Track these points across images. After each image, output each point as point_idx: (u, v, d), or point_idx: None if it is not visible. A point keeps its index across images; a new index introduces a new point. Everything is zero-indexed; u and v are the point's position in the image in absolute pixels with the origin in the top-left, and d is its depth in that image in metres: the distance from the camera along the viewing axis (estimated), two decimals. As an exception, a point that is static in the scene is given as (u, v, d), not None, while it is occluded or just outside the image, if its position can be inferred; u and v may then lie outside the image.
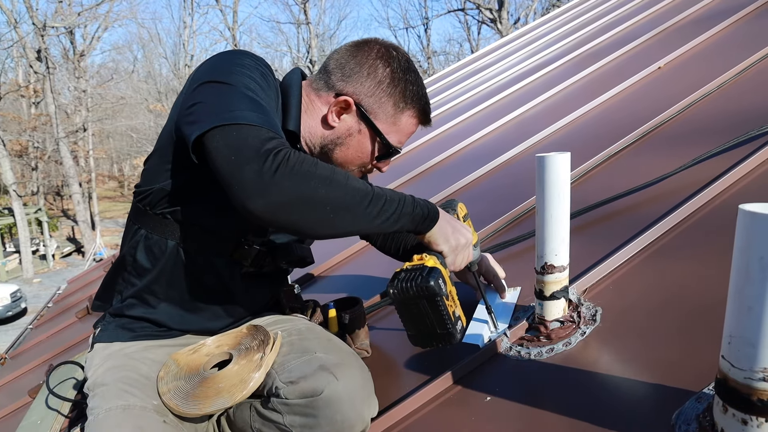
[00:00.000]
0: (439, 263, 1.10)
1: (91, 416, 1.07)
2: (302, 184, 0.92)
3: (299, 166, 0.92)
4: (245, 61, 1.07)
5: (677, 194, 1.51)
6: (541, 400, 1.02)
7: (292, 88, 1.20)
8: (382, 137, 1.21)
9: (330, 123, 1.20)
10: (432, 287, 1.03)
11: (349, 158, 1.23)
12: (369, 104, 1.18)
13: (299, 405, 1.05)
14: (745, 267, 0.64)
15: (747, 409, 0.68)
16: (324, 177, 0.95)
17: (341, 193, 0.96)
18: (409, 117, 1.22)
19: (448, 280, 1.10)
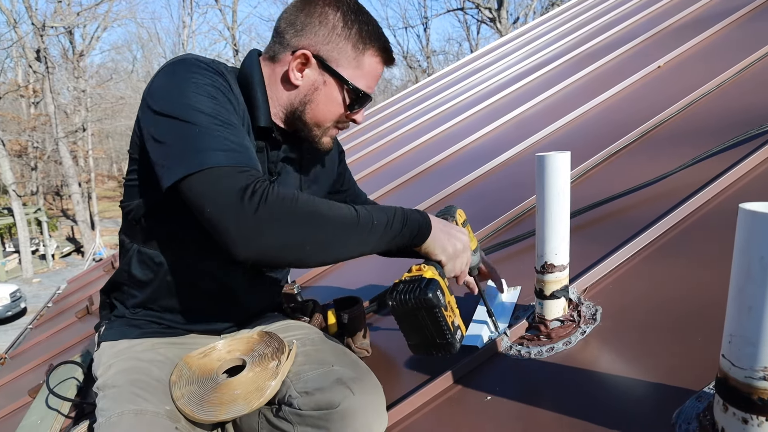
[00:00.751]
0: (437, 273, 1.09)
1: (102, 418, 1.06)
2: (284, 228, 0.94)
3: (278, 207, 0.93)
4: (198, 80, 1.02)
5: (677, 193, 1.51)
6: (542, 400, 1.02)
7: (253, 76, 1.17)
8: (348, 84, 1.16)
9: (293, 82, 1.16)
10: (430, 299, 1.02)
11: (321, 114, 1.19)
12: (327, 52, 1.14)
13: (312, 417, 1.04)
14: (746, 266, 0.64)
15: (747, 408, 0.68)
16: (305, 214, 0.96)
17: (324, 228, 0.98)
18: (371, 57, 1.17)
19: (446, 290, 1.09)
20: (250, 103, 1.16)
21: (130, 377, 1.13)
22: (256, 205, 0.92)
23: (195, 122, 0.97)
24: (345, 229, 1.00)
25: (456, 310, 1.12)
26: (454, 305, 1.11)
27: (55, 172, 29.81)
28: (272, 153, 1.22)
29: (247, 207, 0.91)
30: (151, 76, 1.08)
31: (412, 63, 32.94)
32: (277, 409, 1.12)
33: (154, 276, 1.21)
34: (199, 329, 1.29)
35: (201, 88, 1.01)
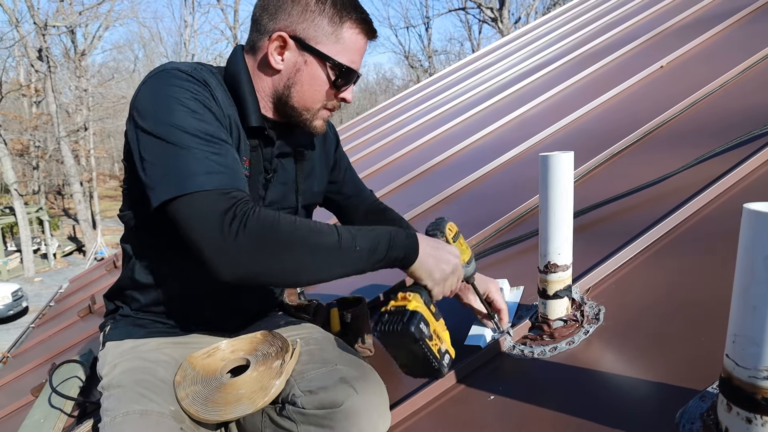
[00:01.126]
0: (422, 301, 1.07)
1: (107, 417, 1.06)
2: (263, 255, 0.95)
3: (257, 234, 0.94)
4: (180, 94, 1.01)
5: (680, 194, 1.51)
6: (545, 399, 1.02)
7: (239, 74, 1.16)
8: (330, 60, 1.12)
9: (274, 66, 1.14)
10: (412, 333, 1.00)
11: (307, 96, 1.16)
12: (304, 31, 1.11)
13: (316, 416, 1.05)
14: (750, 266, 0.64)
15: (751, 408, 0.68)
16: (285, 242, 0.96)
17: (304, 255, 0.98)
18: (350, 29, 1.13)
19: (431, 319, 1.06)
20: (239, 103, 1.15)
21: (135, 377, 1.14)
22: (236, 233, 0.93)
23: (178, 143, 0.97)
24: (325, 256, 0.99)
25: (444, 334, 1.10)
26: (441, 330, 1.09)
27: (57, 172, 29.83)
28: (266, 150, 1.21)
29: (227, 234, 0.92)
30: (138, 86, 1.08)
31: (414, 63, 32.92)
32: (281, 408, 1.12)
33: (156, 281, 1.22)
34: (204, 330, 1.29)
35: (184, 104, 1.01)
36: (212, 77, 1.12)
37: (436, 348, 1.05)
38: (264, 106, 1.19)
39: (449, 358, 1.09)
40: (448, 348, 1.09)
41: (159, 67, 1.08)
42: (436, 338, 1.06)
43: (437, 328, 1.08)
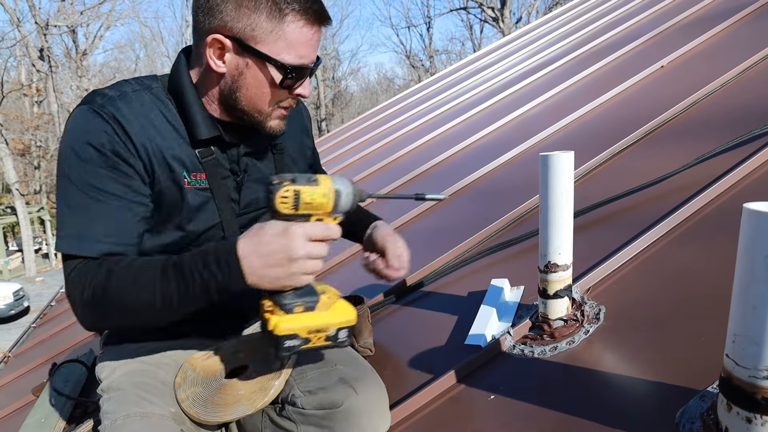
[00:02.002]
0: (282, 310, 0.97)
1: (107, 420, 1.06)
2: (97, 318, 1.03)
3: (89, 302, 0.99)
4: (76, 144, 1.01)
5: (680, 193, 1.51)
6: (545, 399, 1.02)
7: (181, 85, 1.10)
8: (273, 61, 1.03)
9: (216, 70, 1.06)
10: (286, 356, 0.99)
11: (255, 99, 1.08)
12: (241, 30, 1.02)
13: (316, 416, 1.05)
14: (750, 266, 0.64)
15: (751, 408, 0.68)
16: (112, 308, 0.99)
17: (129, 315, 1.01)
18: (293, 22, 1.02)
19: (300, 321, 0.97)
20: (184, 117, 1.10)
21: (135, 380, 1.13)
22: (76, 300, 1.01)
23: (65, 200, 1.02)
24: (147, 313, 1.00)
25: (325, 316, 0.99)
26: (320, 317, 0.99)
27: (58, 171, 29.81)
28: (231, 152, 1.17)
29: (72, 298, 1.01)
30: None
31: (415, 62, 32.93)
32: (281, 408, 1.12)
33: None
34: (203, 332, 1.29)
35: (76, 153, 1.01)
36: (142, 99, 1.07)
37: (321, 339, 0.99)
38: (216, 109, 1.12)
39: (346, 330, 1.01)
40: (339, 325, 1.00)
41: (84, 99, 1.06)
42: (315, 332, 0.98)
43: (314, 321, 0.98)
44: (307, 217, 0.96)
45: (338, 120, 33.29)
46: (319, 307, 0.99)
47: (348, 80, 35.86)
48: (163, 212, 1.09)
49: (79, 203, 1.01)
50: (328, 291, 1.03)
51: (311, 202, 0.94)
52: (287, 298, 0.97)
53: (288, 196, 0.93)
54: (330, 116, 32.26)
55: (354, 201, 0.99)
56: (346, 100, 35.36)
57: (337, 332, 1.00)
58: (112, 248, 1.02)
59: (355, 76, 37.50)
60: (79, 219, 1.01)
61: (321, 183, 0.95)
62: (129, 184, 1.03)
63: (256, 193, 1.22)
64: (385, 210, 2.78)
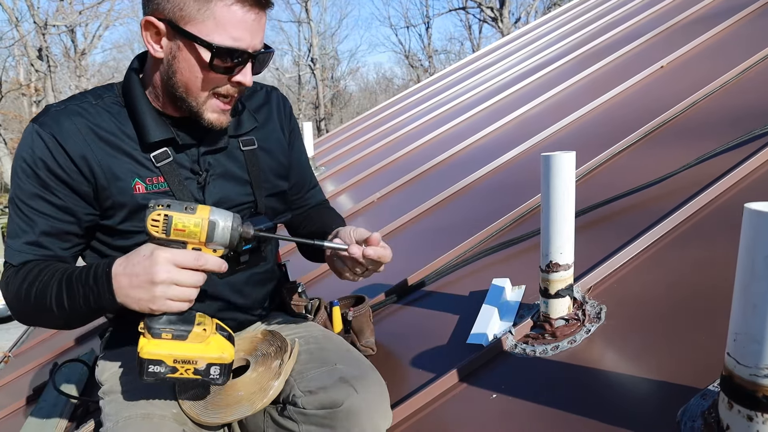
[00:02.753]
0: (150, 338, 0.95)
1: (109, 423, 1.07)
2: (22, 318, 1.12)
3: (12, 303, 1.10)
4: (18, 161, 1.08)
5: (681, 192, 1.51)
6: (547, 398, 1.03)
7: (130, 90, 1.12)
8: (199, 40, 1.01)
9: (155, 55, 1.06)
10: (148, 380, 0.95)
11: (188, 82, 1.06)
12: (171, 11, 1.00)
13: (317, 416, 1.05)
14: (751, 265, 0.65)
15: (753, 406, 0.69)
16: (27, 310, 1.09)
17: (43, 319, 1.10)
18: (221, 1, 1.00)
19: (170, 348, 0.95)
20: (134, 121, 1.11)
21: (136, 382, 1.14)
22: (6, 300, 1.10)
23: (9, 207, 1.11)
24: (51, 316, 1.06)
25: (200, 348, 0.97)
26: (193, 348, 0.97)
27: (57, 171, 29.80)
28: (191, 152, 1.16)
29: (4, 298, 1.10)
30: None
31: (414, 62, 32.92)
32: (282, 408, 1.12)
33: None
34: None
35: (17, 166, 1.08)
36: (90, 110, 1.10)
37: (190, 371, 0.97)
38: (163, 103, 1.12)
39: (219, 367, 0.98)
40: (211, 360, 0.98)
41: (40, 112, 1.12)
42: (182, 363, 0.96)
43: (181, 351, 0.96)
44: (183, 245, 0.95)
45: (337, 120, 33.28)
46: (191, 338, 0.97)
47: (347, 80, 35.83)
48: (120, 218, 1.12)
49: (15, 216, 1.10)
50: (208, 324, 1.01)
51: (183, 229, 0.93)
52: (157, 323, 0.96)
53: (158, 220, 0.92)
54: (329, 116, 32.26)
55: (233, 237, 0.97)
56: (345, 100, 35.35)
57: (207, 367, 0.97)
58: (32, 257, 1.10)
59: (354, 75, 37.47)
60: (13, 230, 1.10)
61: (197, 212, 0.94)
62: (57, 203, 1.09)
63: (223, 192, 1.20)
64: (384, 211, 2.79)
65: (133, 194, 1.10)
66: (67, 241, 1.13)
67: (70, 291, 1.01)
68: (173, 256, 0.93)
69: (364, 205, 3.07)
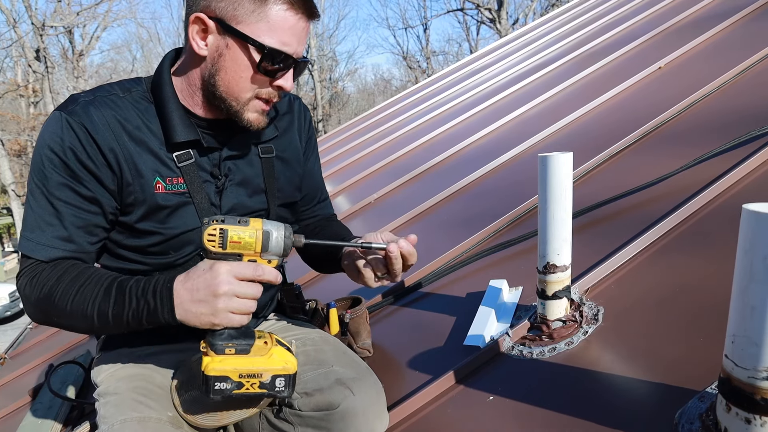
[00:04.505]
0: (213, 354, 0.96)
1: (104, 425, 1.05)
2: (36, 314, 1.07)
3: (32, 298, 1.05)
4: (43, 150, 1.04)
5: (678, 194, 1.51)
6: (544, 400, 1.02)
7: (161, 87, 1.11)
8: (252, 41, 1.02)
9: (198, 53, 1.06)
10: (215, 399, 0.96)
11: (232, 82, 1.07)
12: (223, 10, 1.02)
13: (313, 418, 1.05)
14: (749, 266, 0.64)
15: (750, 408, 0.68)
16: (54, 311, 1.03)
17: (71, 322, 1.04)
18: (277, 4, 1.02)
19: (234, 363, 0.96)
20: (162, 118, 1.11)
21: (132, 384, 1.13)
22: (24, 296, 1.06)
23: (29, 202, 1.06)
24: (83, 323, 1.02)
25: (262, 362, 0.98)
26: (256, 361, 0.98)
27: (55, 172, 29.72)
28: (213, 155, 1.16)
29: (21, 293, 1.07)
30: None
31: (412, 63, 32.94)
32: (278, 410, 1.12)
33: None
34: (200, 333, 1.28)
35: (42, 158, 1.04)
36: (118, 103, 1.08)
37: (255, 386, 0.97)
38: (198, 102, 1.12)
39: (284, 379, 0.99)
40: (275, 372, 0.98)
41: (65, 101, 1.08)
42: (248, 378, 0.97)
43: (246, 365, 0.97)
44: (239, 257, 0.96)
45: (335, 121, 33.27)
46: (254, 352, 0.98)
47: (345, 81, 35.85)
48: (138, 215, 1.10)
49: (39, 207, 1.05)
50: (267, 337, 1.02)
51: (239, 241, 0.95)
52: (219, 339, 0.96)
53: (214, 235, 0.94)
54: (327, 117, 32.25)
55: (286, 245, 0.99)
56: (343, 101, 35.34)
57: (273, 380, 0.98)
58: (62, 254, 1.06)
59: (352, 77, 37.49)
60: (36, 223, 1.05)
61: (250, 224, 0.96)
62: (85, 195, 1.06)
63: (238, 198, 1.19)
64: (383, 211, 2.78)
65: (154, 193, 1.09)
66: (95, 235, 1.10)
67: (119, 300, 0.98)
68: (233, 267, 0.94)
69: (361, 206, 3.06)
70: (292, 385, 1.01)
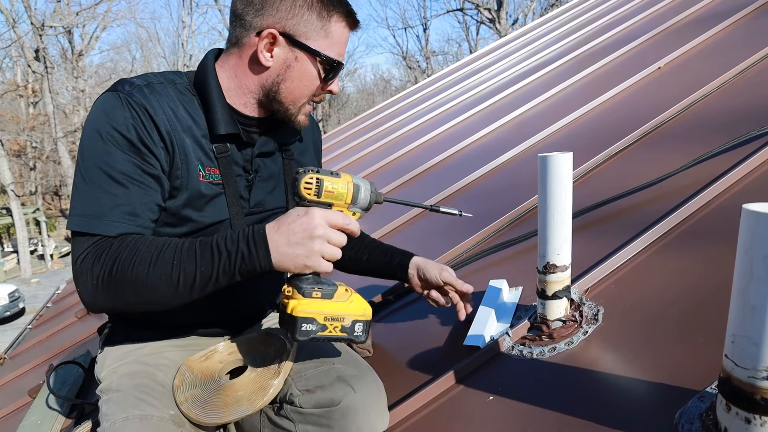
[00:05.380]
0: (301, 293, 1.01)
1: (106, 423, 1.06)
2: (107, 295, 1.01)
3: (99, 276, 1.00)
4: (103, 128, 1.03)
5: (678, 194, 1.51)
6: (544, 400, 1.02)
7: (207, 82, 1.15)
8: (321, 55, 1.13)
9: (264, 64, 1.13)
10: (302, 339, 0.99)
11: (297, 91, 1.16)
12: (294, 27, 1.11)
13: (314, 414, 1.05)
14: (749, 266, 0.64)
15: (750, 408, 0.68)
16: (124, 283, 1.00)
17: (143, 293, 1.01)
18: (338, 23, 1.14)
19: (319, 306, 1.01)
20: (207, 111, 1.14)
21: (134, 381, 1.13)
22: (88, 277, 1.01)
23: (84, 180, 1.04)
24: (164, 290, 1.00)
25: (343, 307, 1.04)
26: (337, 307, 1.03)
27: (54, 172, 29.75)
28: (245, 151, 1.20)
29: (80, 276, 1.02)
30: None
31: (412, 63, 32.95)
32: (279, 407, 1.12)
33: None
34: (202, 332, 1.29)
35: (102, 137, 1.03)
36: (167, 91, 1.11)
37: (338, 329, 1.03)
38: (245, 103, 1.18)
39: (362, 324, 1.06)
40: (355, 317, 1.05)
41: (110, 87, 1.09)
42: (332, 321, 1.03)
43: (330, 309, 1.02)
44: (329, 207, 1.03)
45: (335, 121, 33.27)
46: (337, 297, 1.04)
47: (345, 81, 35.83)
48: (178, 202, 1.12)
49: (98, 184, 1.03)
50: (346, 285, 1.08)
51: (332, 191, 1.03)
52: (306, 283, 1.02)
53: (311, 183, 1.01)
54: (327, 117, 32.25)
55: (371, 199, 1.08)
56: (342, 101, 35.35)
57: (353, 324, 1.04)
58: (129, 228, 1.05)
59: (351, 77, 37.48)
60: (97, 198, 1.03)
61: (342, 176, 1.05)
62: (148, 171, 1.06)
63: (264, 195, 1.24)
64: (383, 211, 2.78)
65: (198, 180, 1.12)
66: (155, 213, 1.10)
67: (206, 257, 1.00)
68: (326, 214, 1.01)
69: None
70: (368, 331, 1.07)
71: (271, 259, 0.99)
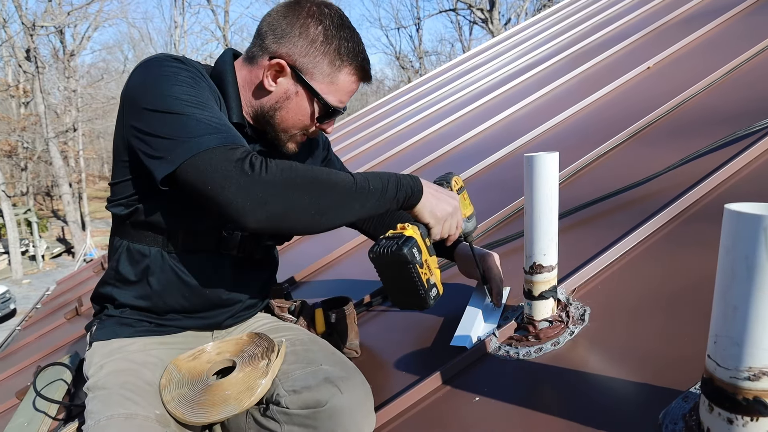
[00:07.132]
0: (419, 233, 1.12)
1: (91, 420, 1.05)
2: (286, 194, 0.98)
3: (278, 175, 0.98)
4: (171, 71, 1.06)
5: (666, 193, 1.51)
6: (530, 400, 1.02)
7: (225, 74, 1.20)
8: (320, 98, 1.18)
9: (267, 87, 1.18)
10: (404, 255, 1.05)
11: (289, 122, 1.21)
12: (303, 65, 1.15)
13: (300, 416, 1.04)
14: (731, 266, 0.64)
15: (733, 409, 0.68)
16: (305, 181, 1.00)
17: (325, 193, 1.02)
18: (347, 75, 1.19)
19: (425, 250, 1.12)
20: (224, 98, 1.18)
21: (121, 380, 1.12)
22: (258, 174, 0.96)
23: (178, 111, 1.01)
24: (344, 194, 1.04)
25: (435, 271, 1.15)
26: (433, 265, 1.15)
27: (46, 173, 29.60)
28: (249, 145, 1.20)
29: (248, 176, 0.95)
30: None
31: (405, 63, 32.97)
32: (265, 408, 1.11)
33: (141, 272, 1.20)
34: (189, 326, 1.28)
35: (176, 78, 1.05)
36: (200, 69, 1.15)
37: (426, 277, 1.10)
38: (246, 112, 1.23)
39: (436, 292, 1.15)
40: (437, 282, 1.15)
41: (148, 57, 1.12)
42: (427, 268, 1.11)
43: (430, 261, 1.13)
44: None
45: (328, 121, 33.08)
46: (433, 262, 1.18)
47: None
48: None
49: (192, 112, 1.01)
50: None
51: (465, 199, 1.32)
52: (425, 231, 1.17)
53: (459, 182, 1.31)
54: (320, 117, 32.06)
55: (471, 230, 1.34)
56: (336, 101, 35.21)
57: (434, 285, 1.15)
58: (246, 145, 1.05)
59: (345, 76, 37.37)
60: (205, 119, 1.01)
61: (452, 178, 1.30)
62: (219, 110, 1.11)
63: None
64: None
65: None
66: None
67: (375, 175, 1.10)
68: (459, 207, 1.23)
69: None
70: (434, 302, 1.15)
71: (422, 196, 1.14)
